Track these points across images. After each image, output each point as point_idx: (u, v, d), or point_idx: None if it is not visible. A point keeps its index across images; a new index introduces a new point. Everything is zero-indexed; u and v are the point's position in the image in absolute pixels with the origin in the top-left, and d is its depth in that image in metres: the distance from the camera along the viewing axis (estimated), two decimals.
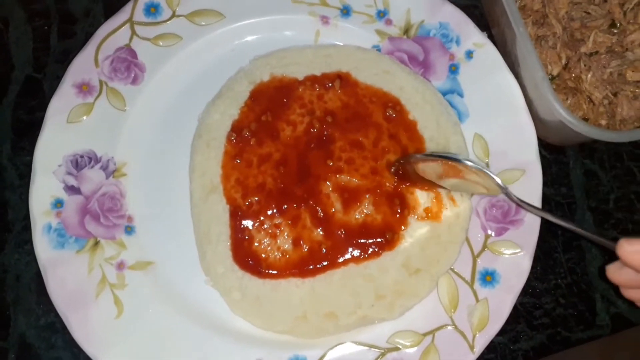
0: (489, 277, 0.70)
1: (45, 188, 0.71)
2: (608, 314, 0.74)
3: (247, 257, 0.70)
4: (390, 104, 0.75)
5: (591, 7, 0.79)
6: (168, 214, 0.73)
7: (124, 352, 0.66)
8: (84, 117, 0.74)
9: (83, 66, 0.76)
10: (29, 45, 0.83)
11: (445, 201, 0.71)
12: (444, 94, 0.77)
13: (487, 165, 0.74)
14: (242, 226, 0.70)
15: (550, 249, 0.76)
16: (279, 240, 0.70)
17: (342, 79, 0.76)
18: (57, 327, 0.71)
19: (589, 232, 0.58)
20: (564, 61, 0.78)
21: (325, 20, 0.80)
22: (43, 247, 0.69)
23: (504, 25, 0.76)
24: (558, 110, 0.66)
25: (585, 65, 0.77)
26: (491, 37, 0.80)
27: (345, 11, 0.81)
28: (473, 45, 0.78)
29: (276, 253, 0.70)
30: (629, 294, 0.56)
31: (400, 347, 0.68)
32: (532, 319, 0.74)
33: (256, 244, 0.70)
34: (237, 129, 0.74)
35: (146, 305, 0.69)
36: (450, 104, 0.77)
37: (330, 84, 0.76)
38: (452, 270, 0.70)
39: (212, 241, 0.70)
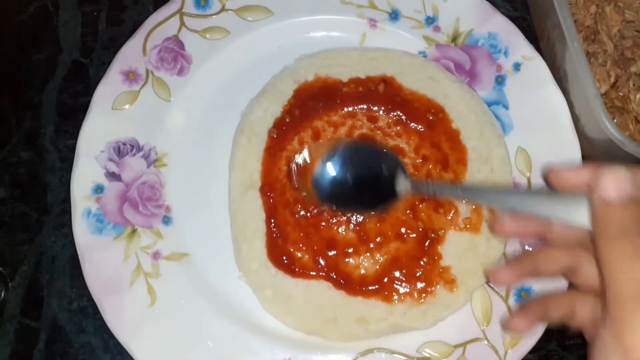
0: (524, 294, 0.69)
1: (87, 173, 0.71)
2: None
3: (281, 255, 0.69)
4: (433, 111, 0.75)
5: None
6: (205, 207, 0.73)
7: (154, 341, 0.67)
8: (129, 105, 0.74)
9: (131, 54, 0.76)
10: (78, 30, 0.83)
11: (486, 213, 0.70)
12: (489, 104, 0.76)
13: (529, 180, 0.73)
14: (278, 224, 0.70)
15: None
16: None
17: (387, 83, 0.76)
18: (88, 312, 0.72)
19: None
20: (612, 79, 0.77)
21: (373, 23, 0.80)
22: (82, 231, 0.69)
23: (555, 39, 0.75)
24: (609, 129, 0.65)
25: (634, 85, 0.76)
26: (538, 51, 0.79)
27: (394, 15, 0.80)
28: (521, 58, 0.77)
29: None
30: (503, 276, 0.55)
31: (430, 357, 0.67)
32: (564, 339, 0.72)
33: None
34: (279, 126, 0.74)
35: (179, 296, 0.69)
36: (495, 115, 0.76)
37: (374, 87, 0.76)
38: (487, 283, 0.70)
39: (247, 237, 0.70)
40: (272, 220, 0.70)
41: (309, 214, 0.70)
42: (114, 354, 0.70)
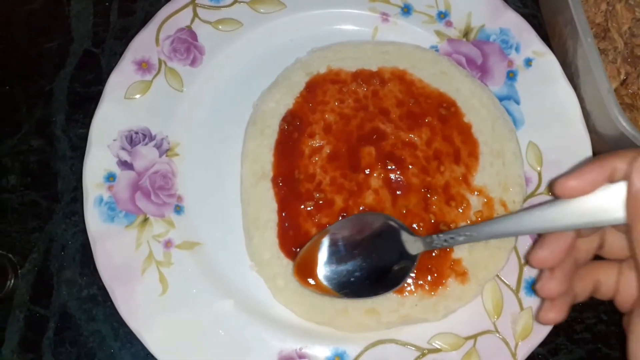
0: (534, 286, 0.69)
1: (99, 161, 0.71)
2: None
3: (293, 245, 0.69)
4: (445, 105, 0.75)
5: None
6: (217, 197, 0.73)
7: (165, 330, 0.67)
8: (142, 95, 0.74)
9: (144, 43, 0.76)
10: (90, 20, 0.84)
11: (497, 207, 0.71)
12: (500, 99, 0.77)
13: (540, 174, 0.74)
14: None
15: None
16: None
17: (399, 77, 0.76)
18: (98, 300, 0.72)
19: None
20: (622, 76, 0.77)
21: (385, 17, 0.80)
22: (93, 219, 0.69)
23: (567, 35, 0.76)
24: (622, 124, 0.66)
25: None
26: (549, 47, 0.80)
27: (406, 9, 0.80)
28: (533, 54, 0.78)
29: None
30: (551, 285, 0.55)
31: (441, 349, 0.67)
32: (572, 332, 0.73)
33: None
34: (291, 118, 0.74)
35: (190, 285, 0.69)
36: (506, 110, 0.76)
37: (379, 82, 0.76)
38: (498, 276, 0.70)
39: (260, 227, 0.70)
40: (284, 211, 0.70)
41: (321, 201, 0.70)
42: (123, 342, 0.70)
